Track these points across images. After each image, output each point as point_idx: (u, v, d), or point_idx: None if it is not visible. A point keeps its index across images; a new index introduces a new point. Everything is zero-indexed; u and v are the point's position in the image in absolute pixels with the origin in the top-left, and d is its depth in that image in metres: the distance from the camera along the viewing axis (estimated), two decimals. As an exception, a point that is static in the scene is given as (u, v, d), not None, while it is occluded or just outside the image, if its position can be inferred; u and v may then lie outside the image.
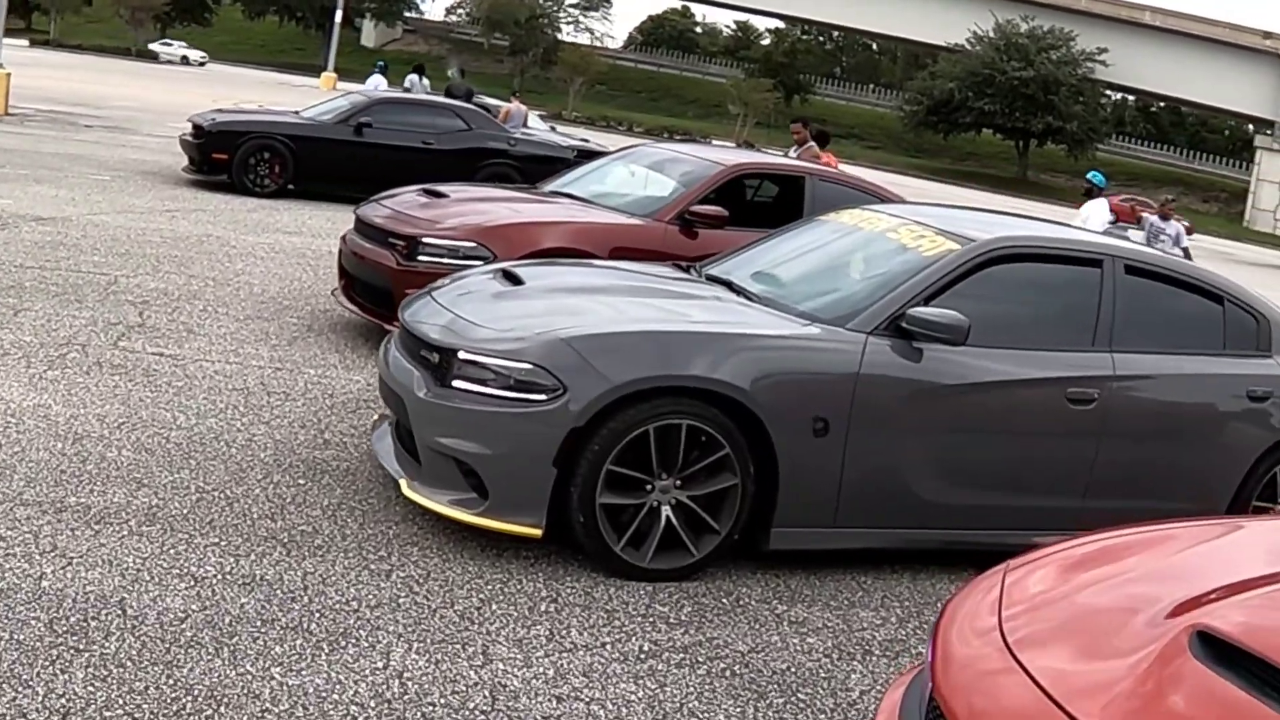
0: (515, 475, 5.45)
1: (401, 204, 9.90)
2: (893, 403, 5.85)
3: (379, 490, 6.22)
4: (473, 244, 8.96)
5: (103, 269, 10.68)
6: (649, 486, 5.54)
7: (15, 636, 4.32)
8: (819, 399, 5.70)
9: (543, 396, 5.40)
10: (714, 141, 27.41)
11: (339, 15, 62.49)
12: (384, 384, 6.25)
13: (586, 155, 17.87)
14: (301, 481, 6.20)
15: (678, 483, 5.55)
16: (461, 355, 5.60)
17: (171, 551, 5.17)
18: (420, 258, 8.97)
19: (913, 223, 6.75)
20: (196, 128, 17.61)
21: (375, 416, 7.04)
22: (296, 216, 15.92)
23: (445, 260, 8.86)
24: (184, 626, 4.56)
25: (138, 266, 11.00)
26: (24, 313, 8.79)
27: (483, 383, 5.51)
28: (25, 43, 73.56)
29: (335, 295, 10.05)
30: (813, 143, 15.85)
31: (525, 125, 24.04)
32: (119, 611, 4.60)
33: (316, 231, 14.79)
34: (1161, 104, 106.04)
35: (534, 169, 17.11)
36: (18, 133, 21.23)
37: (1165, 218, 19.26)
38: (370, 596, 5.01)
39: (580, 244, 9.07)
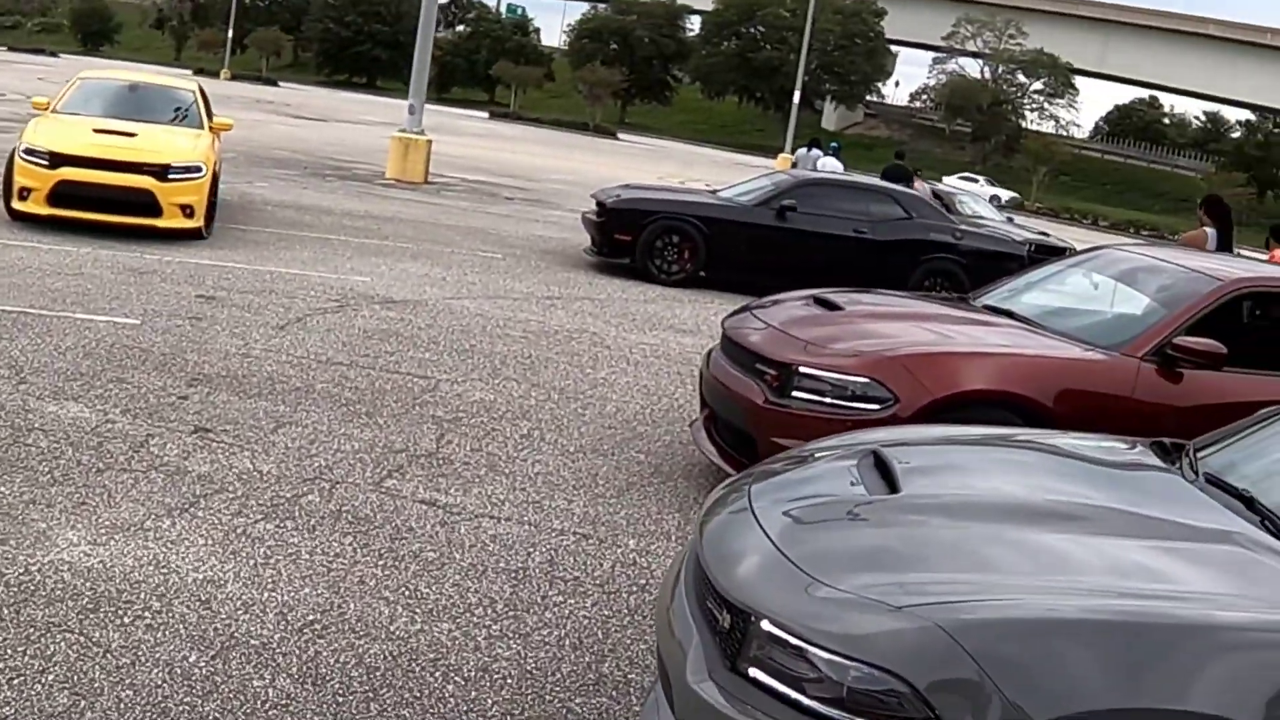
0: None
1: (779, 316, 7.55)
2: None
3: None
4: (866, 379, 6.55)
5: (426, 370, 8.87)
6: None
7: None
8: None
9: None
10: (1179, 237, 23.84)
11: (797, 96, 61.64)
12: (661, 628, 3.88)
13: (1046, 252, 15.57)
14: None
15: None
16: (766, 627, 3.19)
17: None
18: (795, 394, 6.62)
19: None
20: (600, 205, 15.95)
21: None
22: (700, 310, 13.82)
23: (829, 400, 6.53)
24: None
25: (472, 369, 9.14)
26: (286, 428, 6.98)
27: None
28: (485, 115, 76.87)
29: (693, 429, 7.80)
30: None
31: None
32: None
33: (718, 331, 12.59)
34: None
35: (982, 266, 14.66)
36: (427, 202, 20.31)
37: None
38: None
39: (1016, 385, 6.56)
